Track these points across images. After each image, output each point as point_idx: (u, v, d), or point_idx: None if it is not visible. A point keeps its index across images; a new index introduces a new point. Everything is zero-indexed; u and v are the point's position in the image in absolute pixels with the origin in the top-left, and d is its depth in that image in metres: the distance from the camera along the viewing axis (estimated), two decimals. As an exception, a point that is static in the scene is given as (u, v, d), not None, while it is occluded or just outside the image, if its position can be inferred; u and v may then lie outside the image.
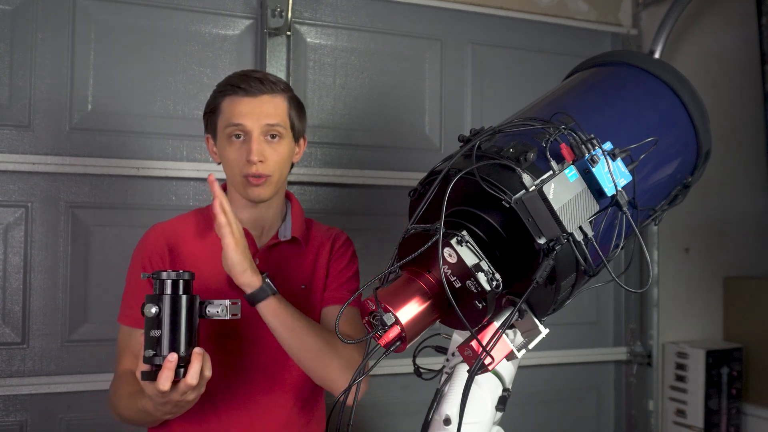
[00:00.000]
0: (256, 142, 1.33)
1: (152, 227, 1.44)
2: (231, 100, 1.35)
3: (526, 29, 2.45)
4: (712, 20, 2.62)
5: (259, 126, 1.33)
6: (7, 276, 1.88)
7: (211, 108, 1.40)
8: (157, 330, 1.06)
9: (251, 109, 1.33)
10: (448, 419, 0.97)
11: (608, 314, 2.60)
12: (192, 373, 1.07)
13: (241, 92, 1.34)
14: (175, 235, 1.42)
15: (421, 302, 0.88)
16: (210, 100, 1.41)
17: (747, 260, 2.67)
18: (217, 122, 1.38)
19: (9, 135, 1.88)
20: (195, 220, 1.46)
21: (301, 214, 1.50)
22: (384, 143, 2.26)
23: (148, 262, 1.38)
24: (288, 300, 1.37)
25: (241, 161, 1.34)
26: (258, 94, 1.34)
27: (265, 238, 1.45)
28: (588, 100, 1.10)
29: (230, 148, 1.35)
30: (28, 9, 1.90)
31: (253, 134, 1.33)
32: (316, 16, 2.20)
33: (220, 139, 1.38)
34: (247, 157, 1.32)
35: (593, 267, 0.90)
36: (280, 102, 1.37)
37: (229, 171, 1.38)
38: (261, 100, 1.34)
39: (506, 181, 0.86)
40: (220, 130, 1.37)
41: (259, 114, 1.33)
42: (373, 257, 2.17)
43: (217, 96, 1.39)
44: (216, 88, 1.41)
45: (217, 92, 1.39)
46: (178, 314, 1.07)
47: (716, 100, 2.52)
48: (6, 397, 1.86)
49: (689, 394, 2.45)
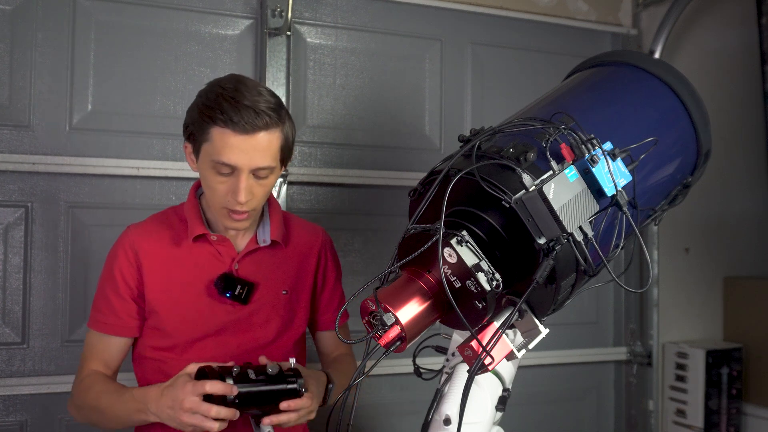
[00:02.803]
0: (244, 180, 1.25)
1: (125, 231, 1.40)
2: (222, 133, 1.23)
3: (526, 29, 2.45)
4: (712, 20, 2.62)
5: (250, 167, 1.24)
6: (7, 276, 1.88)
7: (197, 128, 1.27)
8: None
9: (244, 149, 1.23)
10: (448, 419, 0.97)
11: (608, 314, 2.60)
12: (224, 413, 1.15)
13: (237, 128, 1.22)
14: (148, 242, 1.38)
15: (421, 302, 0.88)
16: (196, 115, 1.28)
17: (747, 260, 2.67)
18: (203, 145, 1.27)
19: (9, 135, 1.88)
20: (172, 223, 1.41)
21: (280, 215, 1.46)
22: (384, 143, 2.26)
23: (120, 275, 1.36)
24: (268, 306, 1.39)
25: (226, 195, 1.27)
26: (252, 132, 1.23)
27: (243, 242, 1.40)
28: (588, 100, 1.10)
29: (215, 178, 1.27)
30: (28, 9, 1.90)
31: (242, 174, 1.25)
32: (316, 16, 2.20)
33: (203, 162, 1.29)
34: (234, 197, 1.26)
35: (593, 267, 0.90)
36: (273, 139, 1.26)
37: (210, 196, 1.32)
38: (255, 139, 1.23)
39: (506, 181, 0.86)
40: (206, 157, 1.27)
41: (252, 156, 1.24)
42: (373, 257, 2.17)
43: (206, 118, 1.25)
44: (204, 103, 1.27)
45: (206, 115, 1.25)
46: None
47: (716, 100, 2.52)
48: (6, 397, 1.86)
49: (689, 394, 2.45)
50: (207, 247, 1.38)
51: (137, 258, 1.36)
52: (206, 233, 1.37)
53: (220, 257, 1.38)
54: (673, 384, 2.52)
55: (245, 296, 1.36)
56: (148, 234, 1.39)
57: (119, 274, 1.36)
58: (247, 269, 1.39)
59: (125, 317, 1.37)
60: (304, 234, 1.50)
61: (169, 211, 1.45)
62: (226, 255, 1.38)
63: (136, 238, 1.38)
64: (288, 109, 1.40)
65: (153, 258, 1.37)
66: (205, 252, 1.38)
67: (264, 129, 1.24)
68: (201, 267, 1.37)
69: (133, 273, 1.36)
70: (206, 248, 1.38)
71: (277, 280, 1.43)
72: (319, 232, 1.53)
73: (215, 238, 1.37)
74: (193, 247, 1.38)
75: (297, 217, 1.55)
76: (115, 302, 1.36)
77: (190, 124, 1.31)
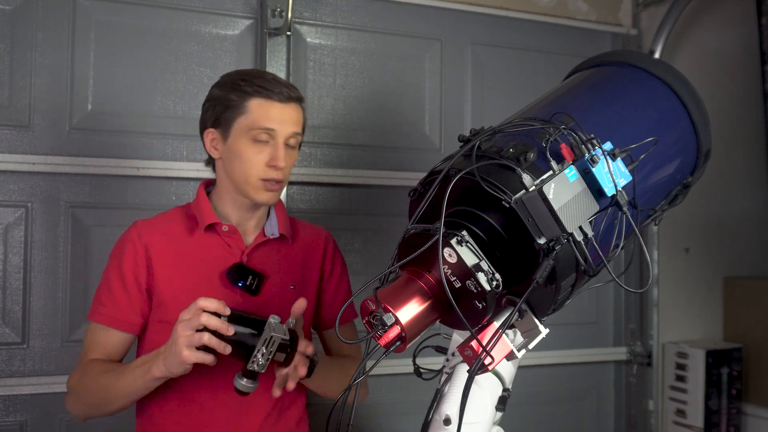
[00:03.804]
0: (281, 148, 1.34)
1: (133, 225, 1.42)
2: (262, 103, 1.34)
3: (526, 29, 2.45)
4: (712, 20, 2.62)
5: (287, 134, 1.35)
6: (7, 276, 1.88)
7: (228, 104, 1.35)
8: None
9: (283, 116, 1.35)
10: (448, 419, 0.97)
11: (608, 314, 2.60)
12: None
13: (274, 96, 1.34)
14: (156, 234, 1.39)
15: (421, 302, 0.88)
16: (223, 95, 1.36)
17: (747, 260, 2.67)
18: (237, 119, 1.35)
19: (9, 135, 1.88)
20: (180, 218, 1.43)
21: (285, 211, 1.50)
22: (384, 143, 2.26)
23: (127, 267, 1.36)
24: (276, 300, 1.39)
25: (262, 164, 1.34)
26: (287, 102, 1.36)
27: (252, 235, 1.44)
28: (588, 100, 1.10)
29: (253, 149, 1.34)
30: (28, 9, 1.90)
31: (279, 140, 1.34)
32: (316, 16, 2.20)
33: (237, 137, 1.35)
34: (273, 163, 1.34)
35: (593, 267, 0.90)
36: (301, 111, 1.40)
37: (244, 171, 1.35)
38: (290, 107, 1.36)
39: (506, 181, 0.86)
40: (242, 130, 1.34)
41: (289, 122, 1.35)
42: (373, 257, 2.17)
43: (239, 93, 1.35)
44: (233, 83, 1.36)
45: (239, 89, 1.35)
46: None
47: (716, 100, 2.51)
48: (6, 397, 1.86)
49: (689, 394, 2.45)
50: (217, 239, 1.40)
51: (146, 250, 1.37)
52: (218, 222, 1.39)
53: (230, 249, 1.40)
54: (673, 384, 2.52)
55: (256, 287, 1.38)
56: (157, 227, 1.41)
57: (127, 266, 1.36)
58: (256, 262, 1.41)
59: (128, 312, 1.36)
60: (309, 233, 1.53)
61: (176, 209, 1.48)
62: (236, 247, 1.40)
63: (144, 230, 1.40)
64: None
65: (162, 250, 1.38)
66: (214, 244, 1.39)
67: (296, 101, 1.38)
68: (210, 258, 1.38)
69: (142, 265, 1.36)
70: (216, 240, 1.40)
71: (285, 275, 1.44)
72: (323, 231, 1.57)
73: (226, 228, 1.39)
74: (203, 239, 1.39)
75: (301, 220, 1.58)
76: (120, 295, 1.36)
77: (217, 106, 1.38)
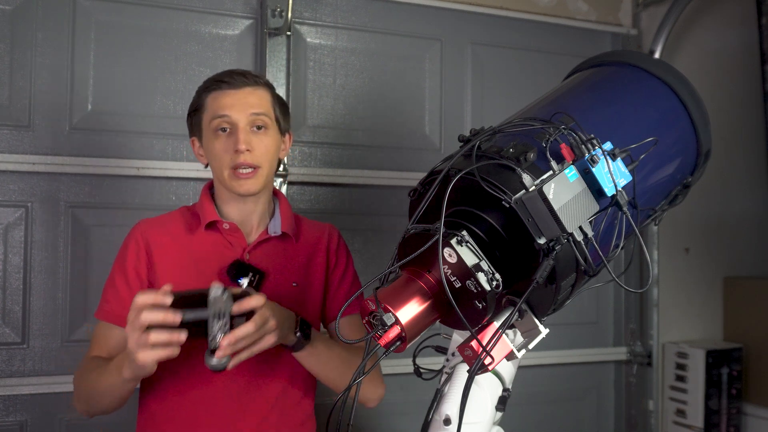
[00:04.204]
0: (242, 132, 1.33)
1: (137, 224, 1.43)
2: (215, 95, 1.36)
3: (526, 29, 2.45)
4: (712, 20, 2.62)
5: (245, 116, 1.34)
6: (7, 276, 1.88)
7: (195, 107, 1.41)
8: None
9: (236, 100, 1.35)
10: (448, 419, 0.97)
11: (608, 314, 2.60)
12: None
13: (225, 86, 1.36)
14: (159, 232, 1.40)
15: (421, 302, 0.88)
16: (193, 101, 1.42)
17: (747, 260, 2.67)
18: (202, 119, 1.39)
19: (9, 135, 1.88)
20: (183, 217, 1.45)
21: (290, 210, 1.50)
22: (384, 143, 2.26)
23: (130, 265, 1.37)
24: (278, 298, 1.37)
25: (228, 153, 1.34)
26: (242, 86, 1.36)
27: (255, 234, 1.44)
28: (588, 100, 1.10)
29: (216, 141, 1.36)
30: (28, 9, 1.90)
31: (240, 125, 1.34)
32: (316, 16, 2.20)
33: (206, 135, 1.39)
34: (235, 147, 1.33)
35: (593, 267, 0.90)
36: (263, 93, 1.38)
37: (217, 165, 1.37)
38: (245, 91, 1.36)
39: (506, 181, 0.86)
40: (206, 126, 1.38)
41: (244, 104, 1.35)
42: (373, 257, 2.17)
43: (201, 94, 1.40)
44: (199, 90, 1.42)
45: (201, 91, 1.40)
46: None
47: (716, 100, 2.52)
48: (6, 397, 1.86)
49: (689, 394, 2.45)
50: (218, 237, 1.40)
51: (148, 247, 1.38)
52: (218, 219, 1.40)
53: (231, 247, 1.40)
54: (673, 384, 2.52)
55: (257, 284, 1.37)
56: (160, 225, 1.43)
57: (129, 263, 1.37)
58: (257, 260, 1.41)
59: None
60: (314, 230, 1.52)
61: (180, 209, 1.49)
62: (238, 245, 1.40)
63: (147, 228, 1.41)
64: (288, 108, 1.47)
65: (164, 247, 1.39)
66: (216, 241, 1.40)
67: (252, 86, 1.37)
68: (212, 256, 1.39)
69: (143, 261, 1.37)
70: (217, 238, 1.40)
71: (288, 273, 1.44)
72: (327, 226, 1.55)
73: (227, 226, 1.40)
74: (205, 237, 1.40)
75: (306, 218, 1.57)
76: (123, 292, 1.37)
77: (191, 114, 1.43)
